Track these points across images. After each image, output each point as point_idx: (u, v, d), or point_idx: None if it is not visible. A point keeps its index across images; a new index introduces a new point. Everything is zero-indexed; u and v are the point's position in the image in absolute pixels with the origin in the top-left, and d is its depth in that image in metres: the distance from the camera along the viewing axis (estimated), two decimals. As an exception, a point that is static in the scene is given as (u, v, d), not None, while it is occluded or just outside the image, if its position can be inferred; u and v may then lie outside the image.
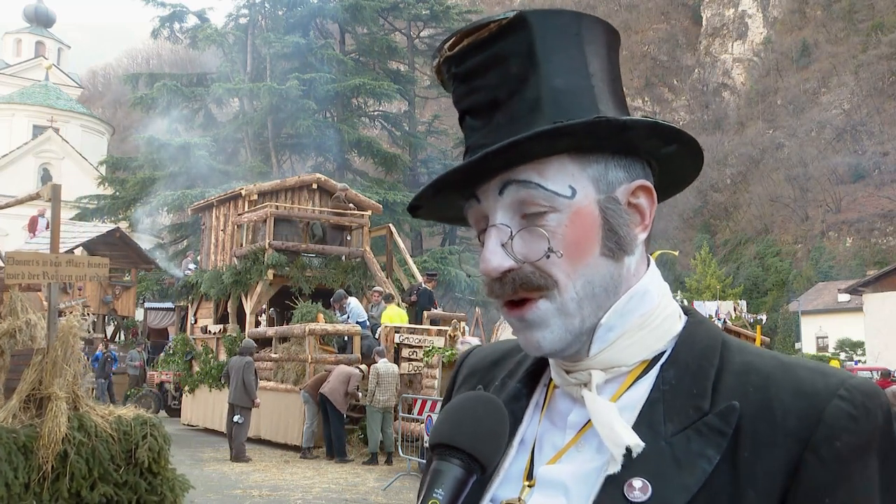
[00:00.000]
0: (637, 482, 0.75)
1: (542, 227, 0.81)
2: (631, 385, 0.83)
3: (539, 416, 0.89)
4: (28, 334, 7.83)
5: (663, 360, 0.84)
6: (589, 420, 0.82)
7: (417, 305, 16.11)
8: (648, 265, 0.88)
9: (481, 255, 0.83)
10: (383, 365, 12.42)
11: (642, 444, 0.77)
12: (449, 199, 0.88)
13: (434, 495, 0.74)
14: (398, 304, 15.85)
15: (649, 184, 0.86)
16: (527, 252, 0.81)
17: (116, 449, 7.59)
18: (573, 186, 0.81)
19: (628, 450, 0.77)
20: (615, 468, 0.77)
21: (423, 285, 16.80)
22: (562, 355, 0.85)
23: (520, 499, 0.83)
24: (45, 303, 22.81)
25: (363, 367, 13.04)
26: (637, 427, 0.79)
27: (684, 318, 0.88)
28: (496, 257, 0.82)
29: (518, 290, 0.82)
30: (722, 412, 0.77)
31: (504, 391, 0.91)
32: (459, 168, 0.81)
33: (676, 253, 43.17)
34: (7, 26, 63.37)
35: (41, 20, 59.59)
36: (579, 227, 0.81)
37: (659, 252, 31.51)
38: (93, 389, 20.70)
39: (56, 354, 7.54)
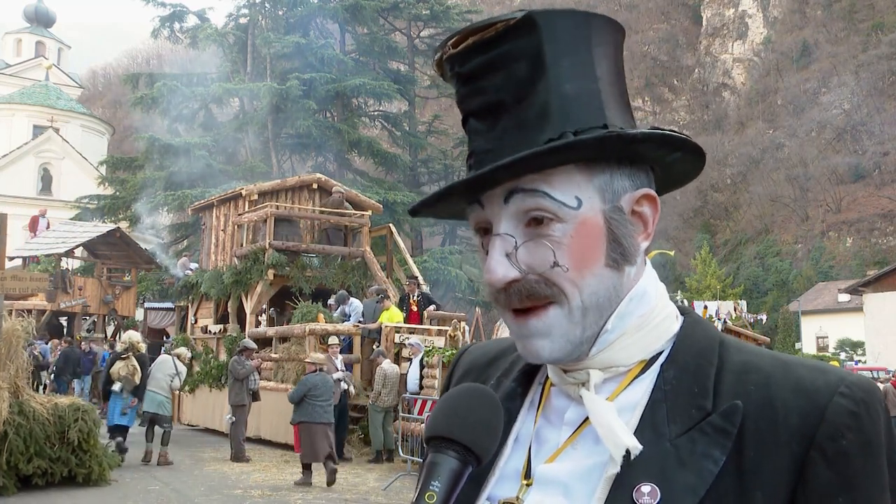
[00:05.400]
0: (646, 487, 0.75)
1: (548, 237, 0.80)
2: (628, 385, 0.83)
3: (535, 414, 0.89)
4: (-9, 337, 9.02)
5: (662, 360, 0.84)
6: (586, 418, 0.82)
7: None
8: (645, 267, 0.88)
9: (486, 266, 0.82)
10: (388, 366, 12.54)
11: (640, 446, 0.77)
12: (452, 203, 0.87)
13: (431, 487, 0.75)
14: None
15: (653, 192, 0.86)
16: (532, 262, 0.81)
17: (51, 430, 9.08)
18: (579, 197, 0.81)
19: (627, 451, 0.77)
20: (614, 469, 0.77)
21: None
22: (559, 363, 0.85)
23: (518, 498, 0.83)
24: (48, 304, 22.78)
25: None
26: (641, 429, 0.79)
27: (681, 318, 0.88)
28: (501, 268, 0.81)
29: (524, 301, 0.82)
30: (725, 412, 0.77)
31: (499, 390, 0.91)
32: (468, 180, 0.80)
33: (672, 253, 43.14)
34: (7, 26, 63.40)
35: (41, 20, 59.57)
36: (585, 237, 0.81)
37: (655, 252, 31.48)
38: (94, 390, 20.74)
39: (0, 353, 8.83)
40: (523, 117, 0.81)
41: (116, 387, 11.35)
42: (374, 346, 13.74)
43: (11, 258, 26.40)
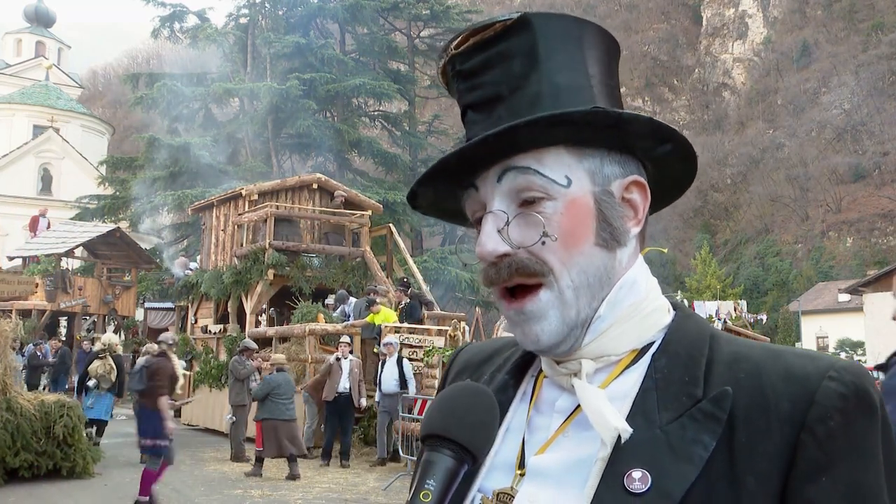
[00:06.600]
0: (636, 473, 0.76)
1: (539, 213, 0.83)
2: (619, 374, 0.85)
3: (528, 405, 0.90)
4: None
5: (654, 349, 0.85)
6: (577, 407, 0.84)
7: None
8: (637, 259, 0.90)
9: (478, 240, 0.85)
10: None
11: (630, 429, 0.78)
12: (448, 189, 0.89)
13: (426, 486, 0.75)
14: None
15: (643, 180, 0.88)
16: (522, 238, 0.83)
17: (38, 425, 9.50)
18: (569, 176, 0.84)
19: (619, 437, 0.78)
20: (605, 453, 0.78)
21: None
22: (558, 350, 0.85)
23: (512, 488, 0.84)
24: (48, 304, 22.93)
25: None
26: (632, 416, 0.79)
27: (673, 311, 0.89)
28: (492, 241, 0.83)
29: (513, 276, 0.84)
30: (715, 398, 0.78)
31: (492, 384, 0.92)
32: (459, 150, 0.83)
33: (665, 250, 43.13)
34: (7, 26, 63.35)
35: (41, 20, 59.55)
36: (574, 215, 0.83)
37: (649, 249, 31.46)
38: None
39: None
40: (517, 105, 0.84)
41: (91, 382, 12.16)
42: (376, 348, 13.75)
43: (11, 258, 26.46)
